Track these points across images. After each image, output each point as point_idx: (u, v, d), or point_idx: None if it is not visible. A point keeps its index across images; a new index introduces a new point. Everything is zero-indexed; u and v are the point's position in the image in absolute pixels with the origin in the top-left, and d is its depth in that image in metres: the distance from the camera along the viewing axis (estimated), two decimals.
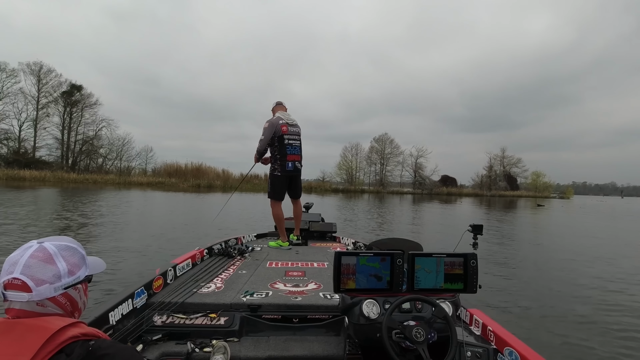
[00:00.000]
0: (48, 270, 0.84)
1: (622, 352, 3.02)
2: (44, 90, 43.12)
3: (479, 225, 1.83)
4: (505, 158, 67.78)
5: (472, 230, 1.84)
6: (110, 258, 5.36)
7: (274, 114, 3.97)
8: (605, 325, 3.61)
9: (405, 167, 63.03)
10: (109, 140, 48.33)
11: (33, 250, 0.85)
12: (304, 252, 3.63)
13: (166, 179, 42.42)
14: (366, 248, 2.52)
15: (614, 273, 6.01)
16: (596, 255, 7.64)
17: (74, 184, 33.47)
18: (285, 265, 3.00)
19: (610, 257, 7.48)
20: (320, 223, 4.68)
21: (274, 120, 3.81)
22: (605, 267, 6.55)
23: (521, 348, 1.52)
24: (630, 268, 6.45)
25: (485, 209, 23.49)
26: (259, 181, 47.59)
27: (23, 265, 0.82)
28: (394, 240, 2.17)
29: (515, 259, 7.06)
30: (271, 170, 3.93)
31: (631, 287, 5.15)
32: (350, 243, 4.14)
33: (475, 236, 1.83)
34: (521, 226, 14.04)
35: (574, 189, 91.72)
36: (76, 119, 45.84)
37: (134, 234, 7.85)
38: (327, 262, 3.14)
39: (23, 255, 0.84)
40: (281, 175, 3.85)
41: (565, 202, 50.87)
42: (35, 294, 0.81)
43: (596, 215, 22.50)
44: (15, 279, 0.81)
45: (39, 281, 0.82)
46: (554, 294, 4.70)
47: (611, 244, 9.81)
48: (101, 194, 21.12)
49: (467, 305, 2.00)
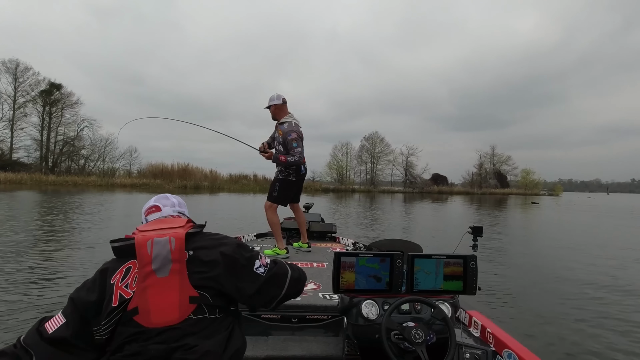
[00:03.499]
0: (165, 200, 1.40)
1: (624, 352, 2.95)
2: (20, 89, 41.49)
3: (479, 227, 1.85)
4: (495, 156, 68.15)
5: (472, 232, 1.85)
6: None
7: (282, 113, 3.57)
8: (614, 328, 3.48)
9: (396, 165, 62.74)
10: (91, 140, 46.78)
11: (155, 197, 1.40)
12: (304, 252, 3.62)
13: (151, 180, 41.02)
14: (366, 249, 2.46)
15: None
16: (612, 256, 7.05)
17: (52, 186, 31.91)
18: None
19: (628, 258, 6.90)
20: (320, 223, 4.64)
21: (295, 124, 3.51)
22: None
23: (520, 350, 1.52)
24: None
25: (481, 208, 23.03)
26: (247, 181, 46.66)
27: (154, 200, 1.38)
28: (393, 241, 2.14)
29: (527, 258, 6.45)
30: (284, 175, 3.55)
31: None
32: (350, 243, 4.15)
33: (475, 238, 1.84)
34: (530, 226, 13.52)
35: (560, 186, 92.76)
36: (56, 119, 44.20)
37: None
38: (326, 262, 3.12)
39: (149, 200, 1.38)
40: (296, 180, 3.58)
41: (556, 199, 51.08)
42: (169, 210, 1.34)
43: (595, 213, 22.22)
44: (152, 206, 1.36)
45: (164, 204, 1.36)
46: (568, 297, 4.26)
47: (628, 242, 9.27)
48: (76, 196, 19.95)
49: (466, 307, 1.99)
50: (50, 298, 3.70)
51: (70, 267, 4.96)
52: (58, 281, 4.29)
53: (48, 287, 4.05)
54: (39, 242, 6.63)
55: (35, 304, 3.53)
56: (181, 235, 1.07)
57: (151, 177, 42.42)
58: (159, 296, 1.02)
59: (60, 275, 4.53)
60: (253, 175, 48.28)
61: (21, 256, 5.40)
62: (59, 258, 5.47)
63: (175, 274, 1.04)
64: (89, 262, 5.16)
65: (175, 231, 1.09)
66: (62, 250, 6.06)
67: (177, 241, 1.06)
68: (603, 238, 10.18)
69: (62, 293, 3.79)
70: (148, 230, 1.11)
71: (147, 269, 1.03)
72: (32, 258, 5.32)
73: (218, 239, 1.16)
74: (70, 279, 4.33)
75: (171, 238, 1.06)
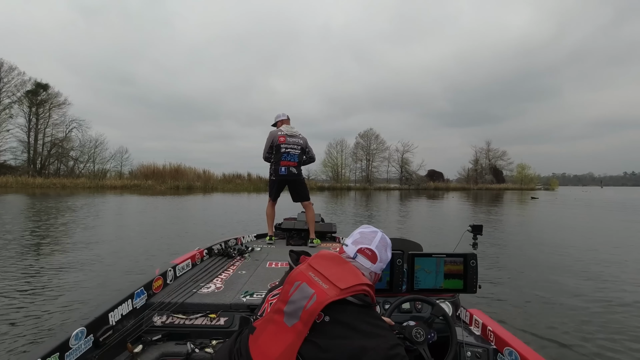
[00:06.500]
0: (385, 255, 1.20)
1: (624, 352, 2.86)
2: (5, 89, 40.24)
3: (479, 226, 1.85)
4: (490, 151, 68.05)
5: (472, 231, 1.86)
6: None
7: (278, 126, 4.37)
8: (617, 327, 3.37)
9: (392, 162, 62.36)
10: (80, 142, 45.71)
11: (381, 236, 1.23)
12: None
13: (142, 181, 40.05)
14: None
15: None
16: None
17: (40, 189, 30.93)
18: (285, 265, 2.96)
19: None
20: (320, 223, 4.58)
21: (273, 131, 4.30)
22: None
23: (521, 348, 1.51)
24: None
25: (480, 205, 22.51)
26: (241, 181, 45.97)
27: (378, 242, 1.20)
28: (393, 240, 1.98)
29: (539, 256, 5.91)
30: (269, 174, 4.35)
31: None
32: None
33: (475, 236, 1.85)
34: (539, 222, 13.00)
35: (556, 180, 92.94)
36: (43, 119, 43.09)
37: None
38: None
39: (376, 237, 1.21)
40: (275, 179, 4.26)
41: (553, 193, 50.79)
42: (375, 267, 1.17)
43: (598, 208, 21.79)
44: (369, 249, 1.17)
45: (380, 259, 1.18)
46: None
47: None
48: (61, 200, 19.12)
49: (467, 305, 1.99)
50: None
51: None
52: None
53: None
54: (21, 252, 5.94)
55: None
56: (324, 301, 0.94)
57: (143, 178, 41.41)
58: (271, 338, 0.97)
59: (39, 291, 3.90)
60: (247, 174, 47.57)
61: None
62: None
63: (295, 332, 0.95)
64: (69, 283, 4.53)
65: (326, 291, 0.96)
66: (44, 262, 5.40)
67: (315, 304, 0.94)
68: (620, 237, 9.65)
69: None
70: (314, 269, 1.04)
71: (281, 306, 1.00)
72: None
73: (370, 331, 0.94)
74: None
75: (314, 296, 0.96)
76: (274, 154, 4.24)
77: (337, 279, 1.00)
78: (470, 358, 1.59)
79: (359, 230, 1.27)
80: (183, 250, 3.24)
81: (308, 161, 4.50)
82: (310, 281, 0.99)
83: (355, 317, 0.96)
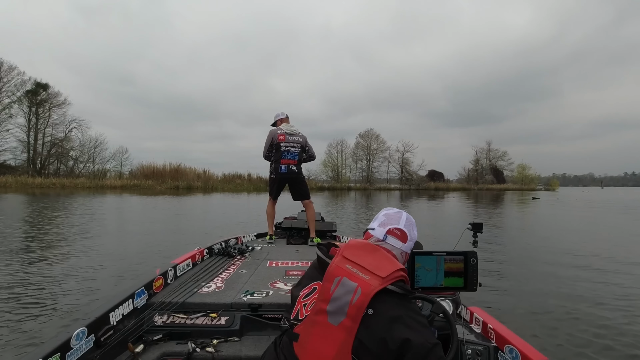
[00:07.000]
0: (413, 233, 1.21)
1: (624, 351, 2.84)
2: (5, 89, 40.22)
3: (479, 224, 1.86)
4: (491, 151, 68.08)
5: (472, 229, 1.87)
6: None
7: (278, 125, 4.38)
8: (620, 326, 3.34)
9: (392, 162, 62.34)
10: (80, 141, 45.67)
11: (406, 215, 1.23)
12: (304, 252, 3.63)
13: (142, 181, 40.00)
14: None
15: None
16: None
17: (40, 189, 30.89)
18: (286, 264, 2.99)
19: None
20: (320, 222, 4.57)
21: (272, 130, 4.31)
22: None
23: (522, 346, 1.52)
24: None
25: (482, 205, 22.48)
26: (241, 181, 45.90)
27: (405, 222, 1.19)
28: None
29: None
30: (269, 173, 4.35)
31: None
32: None
33: (475, 234, 1.86)
34: (545, 223, 12.91)
35: (556, 180, 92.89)
36: (43, 119, 43.08)
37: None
38: None
39: (402, 217, 1.21)
40: (275, 177, 4.26)
41: (554, 194, 50.65)
42: (405, 247, 1.17)
43: (603, 208, 21.71)
44: (397, 229, 1.16)
45: (410, 238, 1.18)
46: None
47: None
48: (52, 200, 19.07)
49: (468, 303, 1.99)
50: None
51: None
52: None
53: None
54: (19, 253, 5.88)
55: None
56: (370, 292, 0.92)
57: (142, 178, 41.39)
58: (321, 342, 0.94)
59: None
60: (247, 174, 47.53)
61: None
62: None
63: (343, 330, 0.92)
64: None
65: (369, 282, 0.94)
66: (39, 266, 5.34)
67: (362, 297, 0.92)
68: (620, 237, 9.59)
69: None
70: (350, 260, 1.00)
71: (323, 306, 0.97)
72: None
73: (413, 326, 0.93)
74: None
75: (359, 289, 0.93)
76: (274, 153, 4.25)
77: (375, 267, 0.97)
78: (471, 356, 1.59)
79: (383, 212, 1.26)
80: (183, 250, 3.23)
81: (308, 159, 4.50)
82: (349, 274, 0.96)
83: (398, 310, 0.94)
